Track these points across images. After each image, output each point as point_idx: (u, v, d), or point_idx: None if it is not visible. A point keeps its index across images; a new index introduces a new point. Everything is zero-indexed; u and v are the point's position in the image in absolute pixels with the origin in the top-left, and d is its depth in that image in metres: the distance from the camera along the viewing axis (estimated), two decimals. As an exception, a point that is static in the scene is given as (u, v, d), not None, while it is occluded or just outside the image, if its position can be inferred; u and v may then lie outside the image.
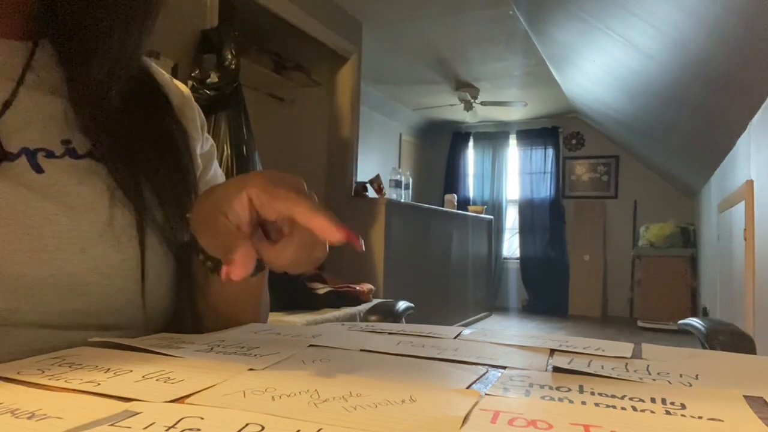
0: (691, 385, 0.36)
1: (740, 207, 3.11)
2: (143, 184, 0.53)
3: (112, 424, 0.25)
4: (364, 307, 2.94)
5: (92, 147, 0.52)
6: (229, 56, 2.52)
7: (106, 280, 0.49)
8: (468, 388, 0.34)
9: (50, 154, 0.49)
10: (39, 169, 0.48)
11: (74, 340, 0.45)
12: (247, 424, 0.26)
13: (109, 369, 0.35)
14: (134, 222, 0.51)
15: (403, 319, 1.03)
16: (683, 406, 0.31)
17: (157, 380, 0.33)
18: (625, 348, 0.48)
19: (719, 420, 0.29)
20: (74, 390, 0.31)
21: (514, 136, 7.36)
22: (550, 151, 7.04)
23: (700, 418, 0.29)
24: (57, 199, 0.48)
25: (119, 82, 0.54)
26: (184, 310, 0.57)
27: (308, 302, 2.82)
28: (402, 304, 1.05)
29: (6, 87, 0.50)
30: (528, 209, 7.10)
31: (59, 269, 0.46)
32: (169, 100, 0.61)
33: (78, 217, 0.48)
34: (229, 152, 2.51)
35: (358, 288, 3.12)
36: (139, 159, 0.54)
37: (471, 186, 7.55)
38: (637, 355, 0.47)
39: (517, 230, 7.21)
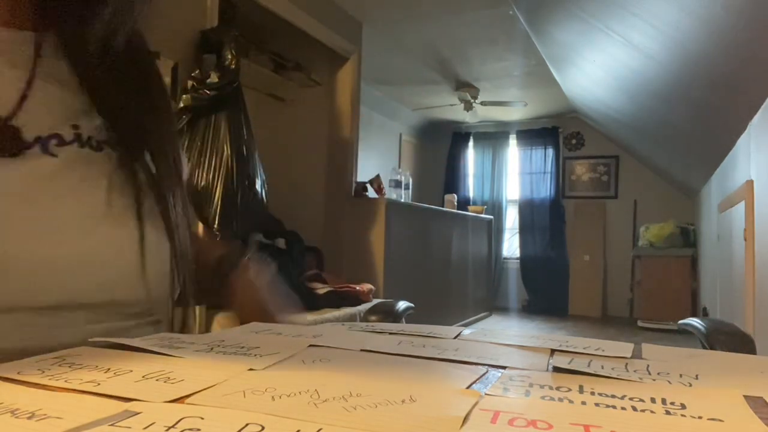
0: (691, 385, 0.36)
1: (740, 207, 3.11)
2: (138, 168, 0.56)
3: (112, 424, 0.25)
4: (364, 307, 2.94)
5: (94, 134, 0.55)
6: (229, 56, 2.52)
7: (112, 257, 0.52)
8: (468, 388, 0.34)
9: (61, 141, 0.52)
10: (51, 154, 0.51)
11: (80, 320, 0.50)
12: (247, 424, 0.26)
13: (109, 369, 0.35)
14: (132, 203, 0.54)
15: (403, 319, 1.03)
16: (683, 406, 0.31)
17: (157, 380, 0.33)
18: (625, 348, 0.48)
19: (719, 420, 0.29)
20: (74, 390, 0.31)
21: (514, 136, 7.36)
22: (550, 151, 7.04)
23: (700, 418, 0.29)
24: (66, 183, 0.51)
25: (118, 38, 0.57)
26: (183, 289, 0.61)
27: (308, 302, 2.82)
28: (402, 304, 1.05)
29: (21, 77, 0.52)
30: (528, 209, 7.10)
31: (74, 248, 0.50)
32: (165, 86, 0.65)
33: (84, 200, 0.52)
34: (229, 152, 2.51)
35: (358, 288, 3.12)
36: (137, 144, 0.58)
37: (471, 186, 7.55)
38: (637, 355, 0.47)
39: (517, 230, 7.21)
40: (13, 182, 0.48)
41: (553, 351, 0.47)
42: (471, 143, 7.59)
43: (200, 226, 2.45)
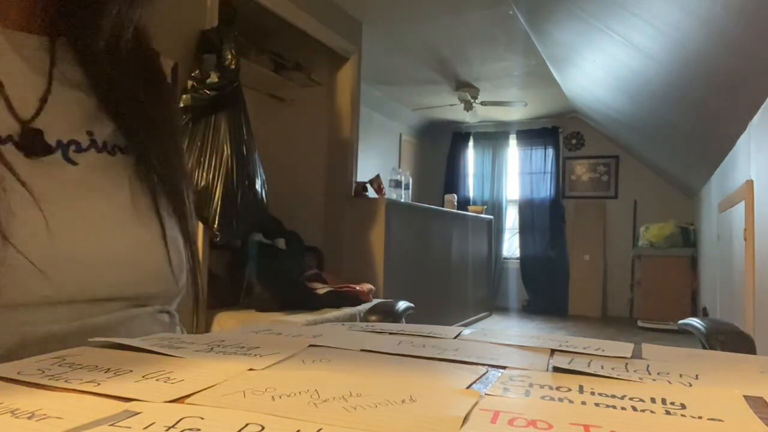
0: (691, 385, 0.36)
1: (740, 207, 3.11)
2: (151, 168, 0.59)
3: (112, 424, 0.25)
4: (364, 307, 2.94)
5: (109, 138, 0.57)
6: (229, 56, 2.52)
7: (142, 254, 0.55)
8: (468, 388, 0.34)
9: (78, 147, 0.54)
10: (72, 162, 0.53)
11: (111, 309, 0.53)
12: (247, 424, 0.26)
13: (109, 369, 0.35)
14: (150, 202, 0.57)
15: (403, 319, 1.03)
16: (683, 406, 0.31)
17: (157, 380, 0.33)
18: (625, 348, 0.48)
19: (719, 420, 0.29)
20: (74, 390, 0.31)
21: (514, 136, 7.36)
22: (550, 151, 7.04)
23: (700, 418, 0.29)
24: (94, 188, 0.54)
25: (124, 35, 0.59)
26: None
27: (308, 302, 2.82)
28: (402, 304, 1.05)
29: (40, 82, 0.54)
30: (528, 209, 7.10)
31: (112, 248, 0.53)
32: (170, 87, 0.68)
33: (111, 202, 0.54)
34: (229, 152, 2.51)
35: (358, 288, 3.12)
36: (147, 144, 0.59)
37: (471, 186, 7.55)
38: (637, 355, 0.47)
39: (517, 230, 7.21)
40: (44, 185, 0.50)
41: (553, 351, 0.47)
42: (471, 143, 7.59)
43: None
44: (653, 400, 0.32)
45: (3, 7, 0.54)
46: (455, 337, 0.53)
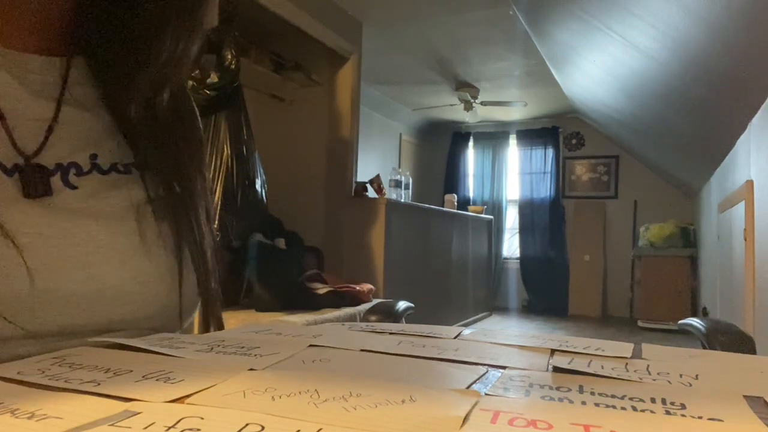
0: (691, 385, 0.36)
1: (740, 207, 3.11)
2: (170, 193, 0.54)
3: (112, 424, 0.25)
4: (364, 307, 2.94)
5: (121, 158, 0.53)
6: (229, 56, 2.52)
7: (144, 289, 0.50)
8: (468, 388, 0.34)
9: (79, 171, 0.50)
10: (71, 186, 0.49)
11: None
12: (247, 424, 0.26)
13: (109, 369, 0.35)
14: (162, 231, 0.53)
15: (403, 319, 1.03)
16: (683, 406, 0.31)
17: (157, 380, 0.33)
18: (625, 348, 0.48)
19: (719, 420, 0.29)
20: (74, 390, 0.31)
21: (514, 136, 7.36)
22: (550, 151, 7.04)
23: (700, 418, 0.29)
24: (93, 215, 0.49)
25: (160, 96, 0.55)
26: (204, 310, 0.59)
27: (308, 302, 2.82)
28: (402, 304, 1.05)
29: (47, 108, 0.50)
30: (528, 209, 7.10)
31: (105, 283, 0.48)
32: (193, 104, 0.63)
33: (114, 231, 0.50)
34: (229, 152, 2.51)
35: (358, 288, 3.12)
36: (166, 169, 0.55)
37: (471, 186, 7.55)
38: (637, 355, 0.47)
39: (517, 230, 7.21)
40: (43, 219, 0.47)
41: (553, 351, 0.47)
42: (471, 143, 7.59)
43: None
44: (653, 400, 0.32)
45: (6, 29, 0.50)
46: (455, 337, 0.53)
